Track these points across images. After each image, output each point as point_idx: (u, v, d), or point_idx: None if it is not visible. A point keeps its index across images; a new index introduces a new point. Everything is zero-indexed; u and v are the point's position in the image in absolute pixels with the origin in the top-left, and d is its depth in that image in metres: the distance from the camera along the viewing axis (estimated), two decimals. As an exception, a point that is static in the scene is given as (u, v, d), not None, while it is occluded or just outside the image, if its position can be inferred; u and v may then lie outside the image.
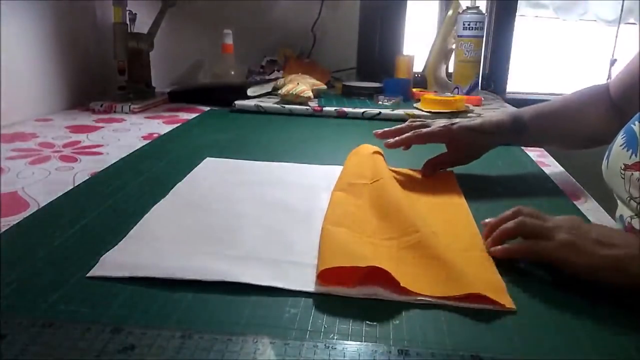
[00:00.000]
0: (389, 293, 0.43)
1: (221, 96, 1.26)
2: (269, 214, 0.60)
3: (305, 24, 1.57)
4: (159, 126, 1.05)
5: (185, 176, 0.71)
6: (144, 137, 0.95)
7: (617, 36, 1.73)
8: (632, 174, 0.60)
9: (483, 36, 1.35)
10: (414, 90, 1.38)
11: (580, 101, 0.79)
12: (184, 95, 1.34)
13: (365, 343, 0.37)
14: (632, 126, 0.63)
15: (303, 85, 1.22)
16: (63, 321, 0.37)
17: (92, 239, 0.52)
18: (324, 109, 1.18)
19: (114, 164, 0.78)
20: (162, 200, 0.62)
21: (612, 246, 0.45)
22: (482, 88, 1.54)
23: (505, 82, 1.74)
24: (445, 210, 0.62)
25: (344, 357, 0.35)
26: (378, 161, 0.71)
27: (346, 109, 1.18)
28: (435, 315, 0.41)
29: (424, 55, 1.49)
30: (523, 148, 0.92)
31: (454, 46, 1.42)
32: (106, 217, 0.57)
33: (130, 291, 0.42)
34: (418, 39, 1.65)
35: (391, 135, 0.76)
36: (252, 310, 0.41)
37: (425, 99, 1.20)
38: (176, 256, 0.48)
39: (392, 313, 0.41)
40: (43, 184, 0.68)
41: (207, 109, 1.24)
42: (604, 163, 0.67)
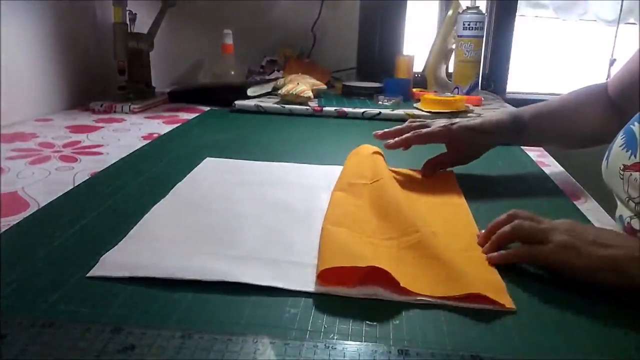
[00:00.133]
0: (389, 293, 0.43)
1: (221, 96, 1.26)
2: (269, 214, 0.60)
3: (305, 24, 1.57)
4: (159, 126, 1.05)
5: (185, 176, 0.71)
6: (144, 137, 0.95)
7: (616, 36, 1.73)
8: (631, 174, 0.60)
9: (483, 36, 1.35)
10: (414, 90, 1.38)
11: (577, 101, 0.79)
12: (184, 95, 1.34)
13: (365, 343, 0.37)
14: (631, 127, 0.63)
15: (303, 85, 1.22)
16: (63, 321, 0.37)
17: (92, 239, 0.52)
18: (324, 109, 1.18)
19: (114, 164, 0.78)
20: (162, 200, 0.62)
21: (609, 247, 0.45)
22: (482, 88, 1.54)
23: (505, 82, 1.74)
24: (445, 210, 0.62)
25: (344, 357, 0.35)
26: (378, 161, 0.71)
27: (346, 109, 1.18)
28: (435, 315, 0.41)
29: (424, 55, 1.49)
30: (523, 148, 0.92)
31: (454, 46, 1.42)
32: (106, 217, 0.57)
33: (130, 291, 0.43)
34: (418, 39, 1.65)
35: (391, 136, 0.76)
36: (252, 310, 0.41)
37: (425, 99, 1.20)
38: (176, 256, 0.48)
39: (392, 313, 0.41)
40: (43, 184, 0.68)
41: (207, 109, 1.24)
42: (603, 163, 0.66)
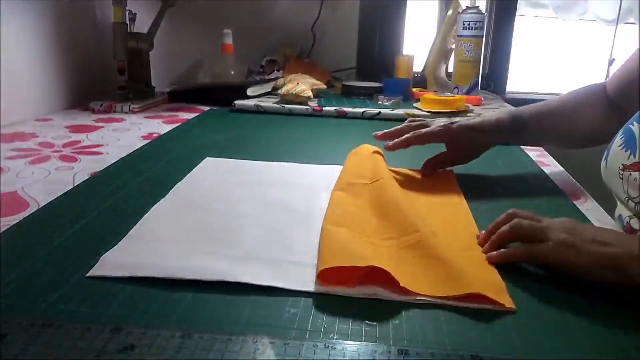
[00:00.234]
0: (389, 293, 0.43)
1: (221, 96, 1.26)
2: (269, 214, 0.60)
3: (305, 24, 1.57)
4: (159, 126, 1.05)
5: (185, 176, 0.71)
6: (144, 137, 0.95)
7: (615, 36, 1.73)
8: (631, 174, 0.60)
9: (483, 36, 1.35)
10: (414, 90, 1.38)
11: (577, 101, 0.79)
12: (184, 95, 1.34)
13: (365, 343, 0.37)
14: (630, 127, 0.63)
15: (303, 85, 1.22)
16: (63, 321, 0.37)
17: (92, 239, 0.52)
18: (324, 109, 1.18)
19: (114, 164, 0.78)
20: (162, 200, 0.62)
21: (608, 245, 0.45)
22: (482, 88, 1.54)
23: (505, 82, 1.74)
24: (445, 210, 0.62)
25: (344, 357, 0.35)
26: (378, 161, 0.71)
27: (346, 109, 1.18)
28: (435, 315, 0.41)
29: (424, 55, 1.49)
30: (523, 148, 0.92)
31: (454, 46, 1.42)
32: (106, 217, 0.57)
33: (130, 291, 0.43)
34: (418, 39, 1.65)
35: (391, 137, 0.76)
36: (252, 310, 0.41)
37: (425, 99, 1.20)
38: (176, 256, 0.48)
39: (392, 313, 0.41)
40: (43, 184, 0.68)
41: (207, 109, 1.24)
42: (602, 163, 0.66)
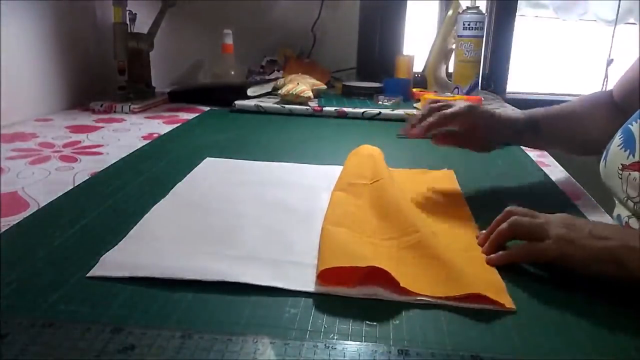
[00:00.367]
0: (389, 293, 0.43)
1: (221, 96, 1.26)
2: (269, 214, 0.60)
3: (305, 24, 1.57)
4: (159, 126, 1.05)
5: (185, 176, 0.71)
6: (144, 137, 0.95)
7: (613, 36, 1.73)
8: (630, 174, 0.60)
9: (483, 36, 1.35)
10: (414, 90, 1.38)
11: (586, 105, 0.78)
12: (184, 95, 1.34)
13: (365, 343, 0.37)
14: (629, 126, 0.63)
15: (303, 85, 1.22)
16: (63, 321, 0.37)
17: (92, 239, 0.52)
18: (324, 109, 1.18)
19: (114, 164, 0.78)
20: (162, 200, 0.62)
21: (606, 239, 0.45)
22: (482, 88, 1.54)
23: (505, 82, 1.74)
24: (445, 210, 0.62)
25: (344, 357, 0.35)
26: (378, 161, 0.71)
27: (346, 109, 1.18)
28: (435, 315, 0.41)
29: (424, 55, 1.49)
30: (523, 148, 0.91)
31: (454, 46, 1.42)
32: (106, 217, 0.57)
33: (130, 291, 0.43)
34: (418, 39, 1.65)
35: (415, 125, 0.70)
36: (252, 310, 0.41)
37: (425, 99, 1.20)
38: (176, 256, 0.48)
39: (392, 313, 0.41)
40: (43, 184, 0.68)
41: (207, 109, 1.24)
42: (601, 163, 0.66)
